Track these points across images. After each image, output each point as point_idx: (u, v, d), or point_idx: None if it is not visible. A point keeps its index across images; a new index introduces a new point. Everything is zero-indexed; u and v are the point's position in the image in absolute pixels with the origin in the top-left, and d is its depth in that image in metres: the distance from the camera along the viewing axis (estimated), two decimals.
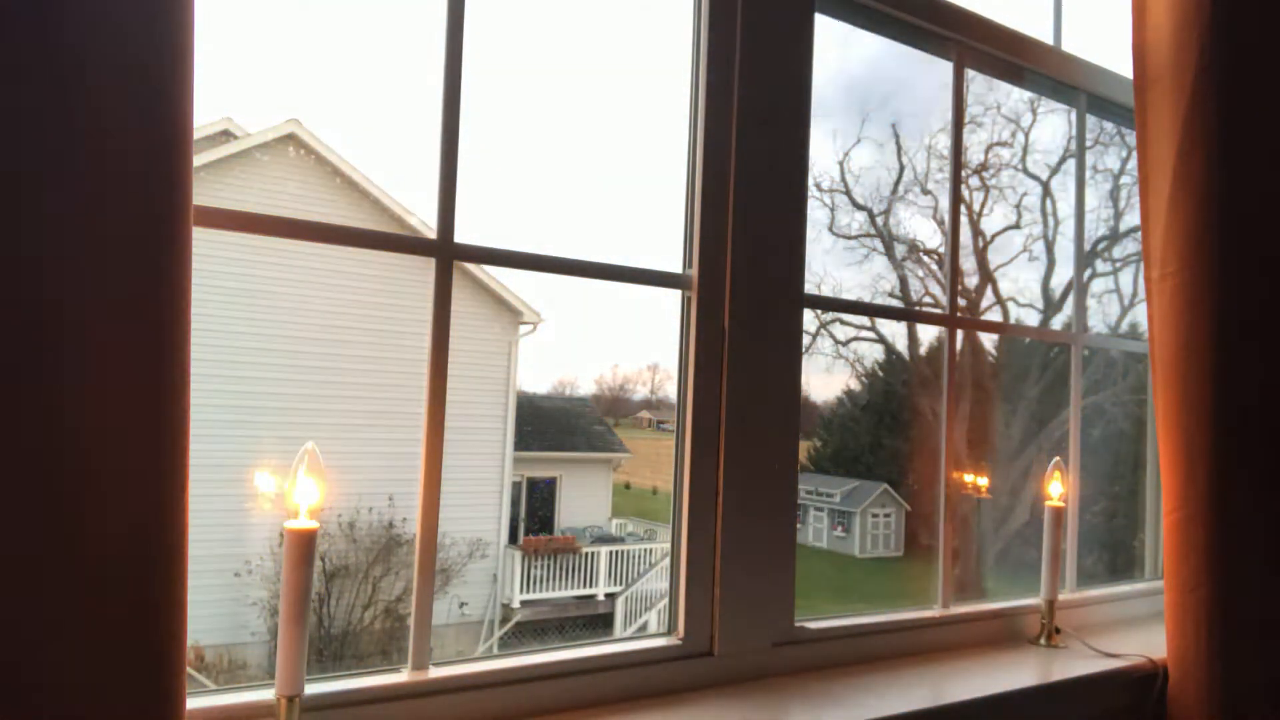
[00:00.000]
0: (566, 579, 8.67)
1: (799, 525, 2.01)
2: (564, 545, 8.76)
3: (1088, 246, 1.96)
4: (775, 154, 1.35)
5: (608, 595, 8.77)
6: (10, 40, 0.73)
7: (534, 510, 9.23)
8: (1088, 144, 1.94)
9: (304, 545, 0.95)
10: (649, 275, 1.30)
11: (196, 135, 0.96)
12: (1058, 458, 1.68)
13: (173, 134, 0.79)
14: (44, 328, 0.74)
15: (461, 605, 7.69)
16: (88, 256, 0.75)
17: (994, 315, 5.26)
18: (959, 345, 1.66)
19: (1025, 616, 1.64)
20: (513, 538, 8.50)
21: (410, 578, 1.86)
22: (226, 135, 6.84)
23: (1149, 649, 1.56)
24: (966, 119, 1.67)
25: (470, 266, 6.14)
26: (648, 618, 8.64)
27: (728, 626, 1.29)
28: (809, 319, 1.48)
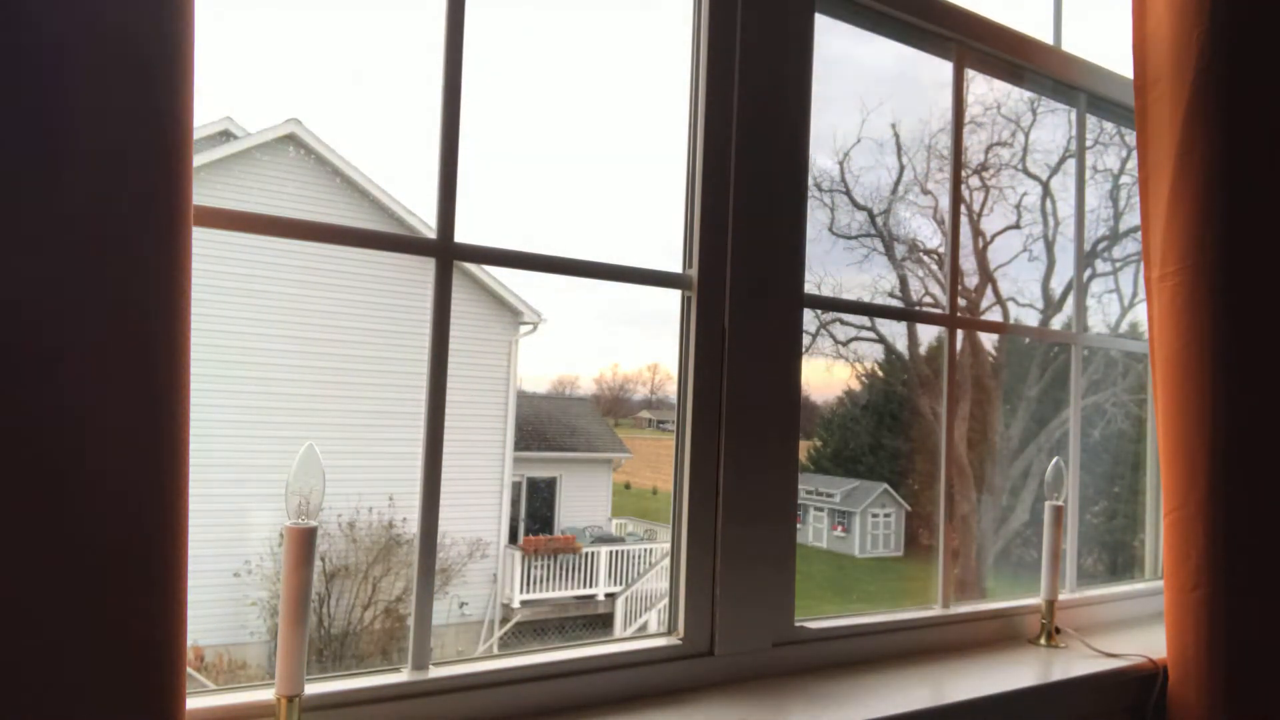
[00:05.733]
0: (566, 579, 8.68)
1: (799, 525, 2.02)
2: (564, 545, 8.77)
3: (1088, 246, 1.96)
4: (775, 154, 1.35)
5: (608, 595, 8.78)
6: (9, 39, 0.73)
7: (534, 510, 9.23)
8: (1088, 144, 1.94)
9: (304, 545, 0.95)
10: (649, 275, 1.30)
11: (196, 135, 0.96)
12: (1058, 458, 1.68)
13: (173, 134, 0.79)
14: (43, 328, 0.74)
15: (461, 605, 7.69)
16: (88, 256, 0.75)
17: (994, 315, 5.26)
18: (959, 345, 1.66)
19: (1025, 616, 1.64)
20: (513, 538, 8.51)
21: (410, 578, 1.86)
22: (226, 135, 6.84)
23: (1149, 649, 1.55)
24: (966, 119, 1.67)
25: (470, 266, 6.14)
26: (648, 618, 8.64)
27: (728, 626, 1.29)
28: (809, 319, 1.48)
